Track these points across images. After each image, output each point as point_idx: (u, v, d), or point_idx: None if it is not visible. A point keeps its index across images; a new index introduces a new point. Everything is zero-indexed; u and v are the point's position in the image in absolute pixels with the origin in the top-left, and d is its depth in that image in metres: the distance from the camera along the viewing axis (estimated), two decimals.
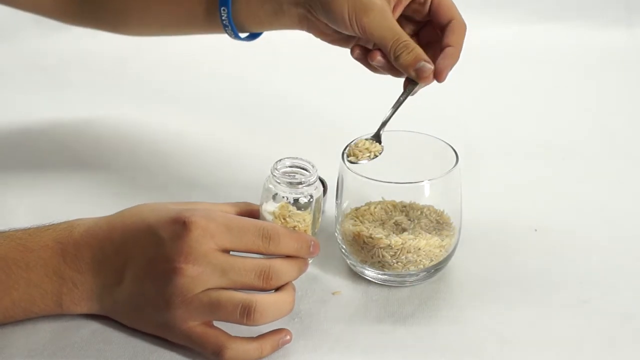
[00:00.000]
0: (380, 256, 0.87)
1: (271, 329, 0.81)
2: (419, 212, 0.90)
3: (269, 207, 0.85)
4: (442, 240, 0.88)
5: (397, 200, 0.90)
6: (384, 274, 0.88)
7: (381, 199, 0.91)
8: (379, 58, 0.90)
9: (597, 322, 0.84)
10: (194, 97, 1.29)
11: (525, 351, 0.81)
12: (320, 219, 0.88)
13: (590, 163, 1.12)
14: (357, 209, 0.90)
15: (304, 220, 0.85)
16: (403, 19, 0.94)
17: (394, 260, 0.87)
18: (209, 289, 0.78)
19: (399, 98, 0.89)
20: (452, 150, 0.89)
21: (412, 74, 0.88)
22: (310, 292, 0.88)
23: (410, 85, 0.89)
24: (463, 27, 0.92)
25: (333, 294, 0.88)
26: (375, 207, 0.90)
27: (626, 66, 1.39)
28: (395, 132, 0.92)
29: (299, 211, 0.85)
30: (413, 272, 0.88)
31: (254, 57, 1.06)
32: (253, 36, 1.02)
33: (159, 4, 1.03)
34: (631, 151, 1.15)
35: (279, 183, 0.85)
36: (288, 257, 0.81)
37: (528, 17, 1.49)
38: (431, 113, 1.22)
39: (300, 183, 0.84)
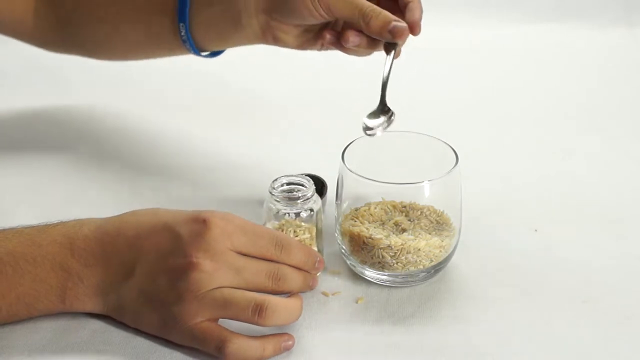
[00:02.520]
0: (380, 257, 0.87)
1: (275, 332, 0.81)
2: (419, 213, 0.90)
3: (272, 226, 0.88)
4: (442, 241, 0.88)
5: (397, 200, 0.90)
6: (384, 275, 0.88)
7: (381, 200, 0.91)
8: (352, 38, 0.92)
9: (597, 322, 0.84)
10: (195, 97, 1.29)
11: (525, 351, 0.81)
12: (322, 231, 0.90)
13: (590, 163, 1.12)
14: (357, 209, 0.90)
15: (310, 232, 0.88)
16: None
17: (393, 261, 0.87)
18: (221, 287, 0.79)
19: (387, 62, 0.90)
20: (452, 150, 0.89)
21: (388, 35, 0.90)
22: (311, 292, 0.88)
23: (390, 47, 0.90)
24: None
25: (333, 294, 0.88)
26: (375, 208, 0.90)
27: (626, 66, 1.39)
28: (395, 132, 0.92)
29: (303, 224, 0.88)
30: (413, 273, 0.88)
31: (255, 57, 1.05)
32: (216, 53, 1.04)
33: (126, 25, 1.05)
34: (631, 151, 1.15)
35: (279, 201, 0.88)
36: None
37: (528, 17, 1.49)
38: (431, 113, 1.23)
39: (299, 198, 0.88)
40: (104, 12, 1.05)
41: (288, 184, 0.89)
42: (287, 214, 0.88)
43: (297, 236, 0.88)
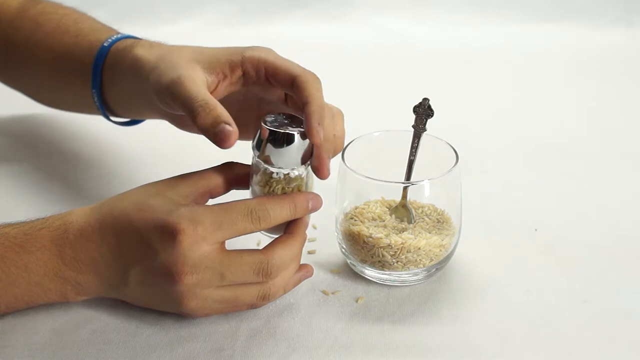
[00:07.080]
0: (380, 256, 0.87)
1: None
2: (419, 212, 0.90)
3: (259, 181, 0.83)
4: (442, 240, 0.88)
5: (398, 199, 0.90)
6: (384, 274, 0.88)
7: (381, 199, 0.91)
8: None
9: (597, 322, 0.84)
10: None
11: (525, 351, 0.81)
12: (313, 179, 0.85)
13: (590, 163, 1.12)
14: (356, 208, 0.90)
15: (298, 187, 0.83)
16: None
17: (394, 260, 0.87)
18: (213, 290, 0.80)
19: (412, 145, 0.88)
20: (452, 150, 0.89)
21: (211, 138, 0.79)
22: (311, 292, 0.88)
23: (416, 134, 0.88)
24: (311, 80, 0.82)
25: (333, 293, 0.88)
26: (375, 207, 0.90)
27: (626, 66, 1.40)
28: (395, 132, 0.92)
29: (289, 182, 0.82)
30: (413, 272, 0.88)
31: None
32: (135, 122, 1.03)
33: (51, 86, 1.05)
34: (631, 151, 1.15)
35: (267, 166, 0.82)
36: (288, 242, 0.82)
37: (528, 17, 1.49)
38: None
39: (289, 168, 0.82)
40: (38, 68, 1.05)
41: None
42: (275, 174, 0.82)
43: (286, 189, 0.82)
